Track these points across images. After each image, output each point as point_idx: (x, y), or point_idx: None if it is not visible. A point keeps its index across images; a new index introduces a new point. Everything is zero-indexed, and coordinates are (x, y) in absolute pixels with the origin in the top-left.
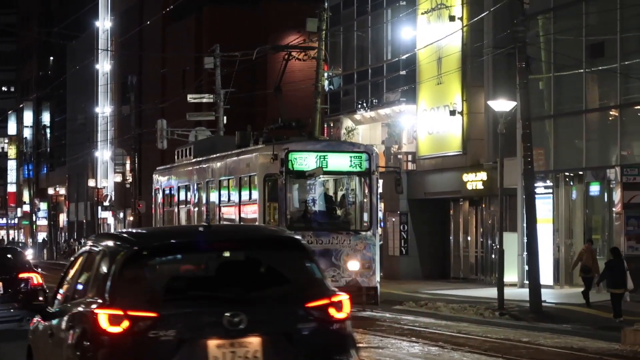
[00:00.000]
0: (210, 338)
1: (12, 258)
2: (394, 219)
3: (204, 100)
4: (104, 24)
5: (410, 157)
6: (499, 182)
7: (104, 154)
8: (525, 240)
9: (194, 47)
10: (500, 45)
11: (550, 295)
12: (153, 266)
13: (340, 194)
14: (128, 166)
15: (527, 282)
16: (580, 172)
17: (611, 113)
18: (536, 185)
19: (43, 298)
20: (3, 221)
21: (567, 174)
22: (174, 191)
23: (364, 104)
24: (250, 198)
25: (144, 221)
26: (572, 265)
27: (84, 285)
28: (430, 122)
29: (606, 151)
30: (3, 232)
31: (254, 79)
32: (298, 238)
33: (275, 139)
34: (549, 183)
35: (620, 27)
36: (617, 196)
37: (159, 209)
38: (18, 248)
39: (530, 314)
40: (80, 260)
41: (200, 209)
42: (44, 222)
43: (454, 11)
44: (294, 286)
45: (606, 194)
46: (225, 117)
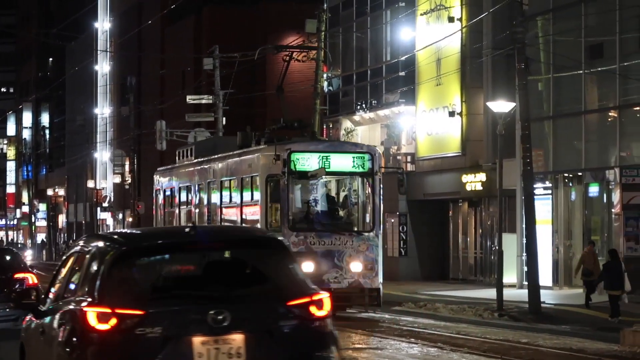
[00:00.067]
0: (195, 335)
1: (8, 259)
2: (393, 220)
3: (203, 101)
4: (103, 25)
5: (409, 158)
6: (498, 183)
7: (103, 155)
8: (525, 241)
9: (193, 48)
10: (500, 46)
11: (549, 296)
12: (140, 266)
13: (342, 194)
14: (127, 167)
15: (526, 283)
16: (580, 173)
17: (610, 114)
18: (535, 186)
19: (35, 297)
20: (2, 222)
21: (566, 175)
22: (175, 192)
23: (363, 105)
24: (252, 199)
25: (143, 222)
26: (575, 269)
27: (75, 284)
28: (429, 123)
29: (605, 152)
30: (2, 233)
31: (253, 80)
32: (280, 239)
33: (277, 140)
34: (548, 184)
35: (619, 28)
36: (616, 197)
37: (160, 210)
38: (14, 249)
39: (529, 315)
40: (71, 260)
41: (201, 210)
42: (43, 223)
43: (453, 12)
44: (275, 285)
45: (605, 195)
46: (224, 118)
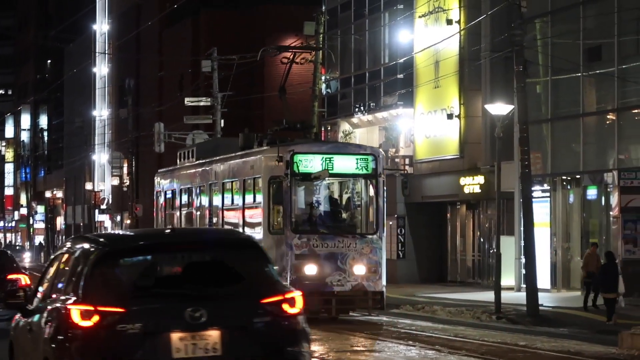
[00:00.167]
0: (173, 331)
1: (1, 261)
2: (391, 223)
3: (202, 104)
4: (101, 27)
5: (407, 161)
6: (496, 186)
7: (101, 157)
8: (523, 244)
9: (191, 51)
10: (498, 48)
11: (547, 299)
12: (122, 266)
13: (346, 196)
14: (125, 169)
15: (524, 285)
16: (578, 176)
17: (608, 117)
18: (533, 188)
19: (24, 297)
20: (0, 224)
21: (564, 177)
22: (176, 194)
23: (362, 108)
24: (255, 201)
25: (141, 224)
26: (583, 272)
27: (61, 284)
28: (427, 126)
29: (603, 155)
30: (0, 235)
31: (251, 82)
32: (255, 240)
33: (280, 141)
34: (546, 187)
35: (617, 30)
36: (614, 200)
37: (161, 213)
38: (8, 251)
39: (527, 317)
40: (58, 261)
41: (203, 212)
42: (41, 225)
43: (451, 15)
44: (250, 284)
45: (603, 198)
46: (222, 121)
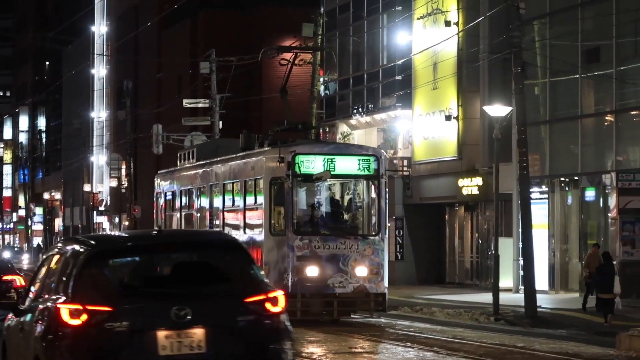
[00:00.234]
0: (159, 329)
1: None
2: (389, 224)
3: (200, 105)
4: (99, 28)
5: (405, 162)
6: (495, 187)
7: (99, 158)
8: (521, 246)
9: (189, 52)
10: (496, 50)
11: (546, 301)
12: (109, 266)
13: (347, 197)
14: (123, 171)
15: (523, 287)
16: (576, 178)
17: (607, 118)
18: (531, 190)
19: (16, 297)
20: None
21: (562, 179)
22: (176, 195)
23: (360, 109)
24: (256, 202)
25: (139, 226)
26: (584, 274)
27: (52, 284)
28: (425, 127)
29: (602, 156)
30: None
31: (249, 83)
32: (239, 242)
33: (281, 142)
34: (544, 188)
35: (615, 32)
36: (612, 201)
37: (161, 214)
38: (2, 253)
39: (525, 319)
40: (49, 262)
41: (203, 213)
42: (40, 226)
43: (449, 16)
44: (234, 283)
45: (602, 199)
46: (221, 122)
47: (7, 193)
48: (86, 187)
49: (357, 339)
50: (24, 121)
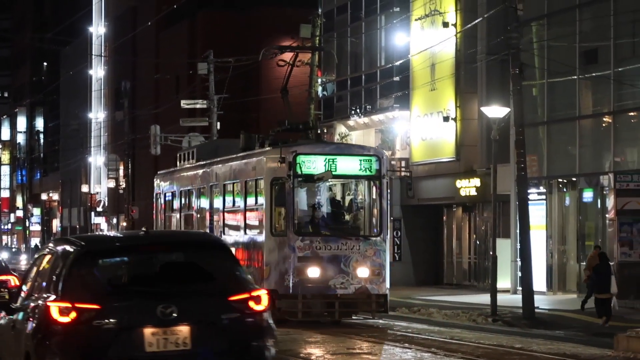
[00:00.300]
0: (145, 326)
1: None
2: None
3: (198, 106)
4: (97, 29)
5: (403, 164)
6: (492, 188)
7: (97, 159)
8: (519, 247)
9: (187, 53)
10: (494, 51)
11: (543, 302)
12: (98, 265)
13: (349, 198)
14: (121, 172)
15: (520, 288)
16: (574, 179)
17: (604, 119)
18: (529, 191)
19: (8, 296)
20: None
21: (560, 180)
22: (175, 196)
23: (358, 110)
24: (257, 202)
25: (137, 226)
26: (585, 275)
27: (42, 283)
28: (423, 128)
29: (599, 157)
30: None
31: (247, 85)
32: (223, 242)
33: (282, 142)
34: (542, 189)
35: (613, 33)
36: (610, 202)
37: (160, 215)
38: None
39: (523, 320)
40: (41, 261)
41: (203, 214)
42: (37, 227)
43: (447, 17)
44: (219, 282)
45: (599, 201)
46: (218, 123)
47: (4, 194)
48: (84, 188)
49: (355, 340)
50: (21, 122)
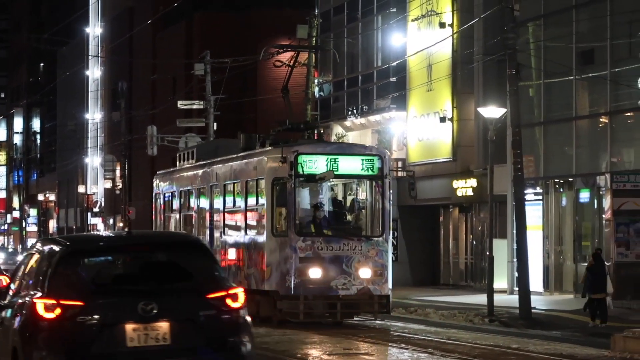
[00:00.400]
0: (127, 323)
1: None
2: None
3: (194, 107)
4: (94, 30)
5: (400, 164)
6: (489, 189)
7: (94, 160)
8: (515, 247)
9: (184, 54)
10: (491, 52)
11: (540, 302)
12: (82, 264)
13: (351, 198)
14: (118, 172)
15: (517, 288)
16: (570, 179)
17: (601, 120)
18: (526, 192)
19: None
20: None
21: (557, 180)
22: (175, 196)
23: (354, 111)
24: (257, 203)
25: (134, 227)
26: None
27: (30, 281)
28: (420, 129)
29: (596, 158)
30: None
31: (244, 85)
32: (202, 242)
33: (282, 142)
34: (538, 190)
35: (610, 34)
36: (607, 203)
37: (160, 215)
38: None
39: (519, 320)
40: (28, 260)
41: (203, 214)
42: (34, 228)
43: (444, 18)
44: (197, 280)
45: (596, 201)
46: (215, 124)
47: (1, 194)
48: (80, 189)
49: (352, 341)
50: (18, 122)
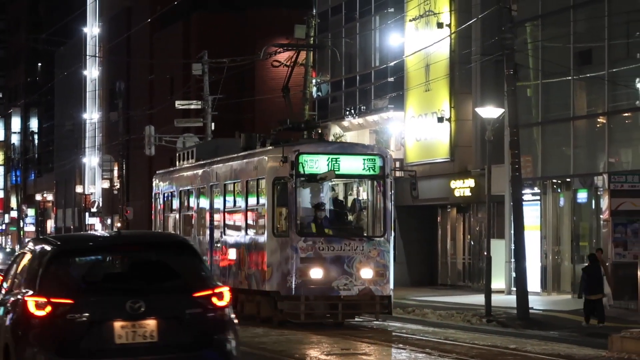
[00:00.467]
0: (115, 320)
1: None
2: None
3: (192, 107)
4: (92, 30)
5: (397, 164)
6: (487, 189)
7: (91, 160)
8: (513, 247)
9: (182, 54)
10: (488, 52)
11: (538, 302)
12: (72, 263)
13: (352, 198)
14: (116, 172)
15: (515, 288)
16: (568, 179)
17: (599, 120)
18: (524, 192)
19: None
20: None
21: (554, 180)
22: (175, 196)
23: (352, 111)
24: (258, 203)
25: (132, 227)
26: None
27: (22, 279)
28: (418, 129)
29: (594, 158)
30: None
31: (242, 85)
32: (190, 242)
33: (283, 141)
34: (536, 190)
35: (607, 34)
36: (604, 203)
37: (159, 215)
38: None
39: (517, 320)
40: (21, 259)
41: (203, 214)
42: (32, 228)
43: (442, 18)
44: (184, 280)
45: (594, 201)
46: (213, 124)
47: None
48: (78, 189)
49: (349, 341)
50: (16, 122)
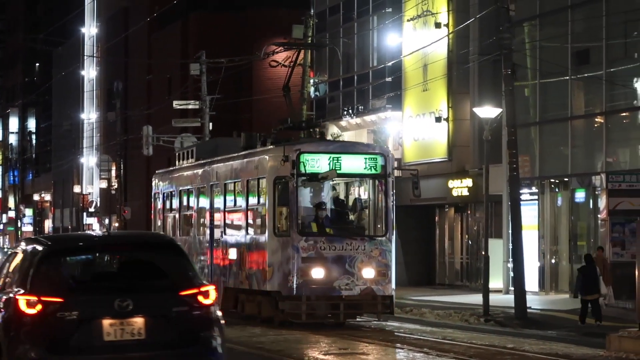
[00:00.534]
0: (104, 318)
1: None
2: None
3: (190, 107)
4: (89, 30)
5: (395, 164)
6: (485, 189)
7: (89, 160)
8: (511, 247)
9: (180, 54)
10: (486, 52)
11: (536, 302)
12: (63, 263)
13: (353, 197)
14: (113, 172)
15: (512, 288)
16: (566, 179)
17: (596, 120)
18: (521, 191)
19: None
20: None
21: (552, 180)
22: (174, 195)
23: (350, 111)
24: (259, 202)
25: (130, 227)
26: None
27: (13, 278)
28: (415, 129)
29: (591, 158)
30: None
31: (239, 85)
32: (176, 242)
33: (284, 140)
34: (534, 190)
35: (605, 34)
36: (602, 203)
37: (159, 215)
38: None
39: (515, 320)
40: (13, 259)
41: (203, 214)
42: (30, 228)
43: (439, 18)
44: (171, 279)
45: (591, 201)
46: (211, 124)
47: None
48: (76, 189)
49: (348, 340)
50: (13, 122)
